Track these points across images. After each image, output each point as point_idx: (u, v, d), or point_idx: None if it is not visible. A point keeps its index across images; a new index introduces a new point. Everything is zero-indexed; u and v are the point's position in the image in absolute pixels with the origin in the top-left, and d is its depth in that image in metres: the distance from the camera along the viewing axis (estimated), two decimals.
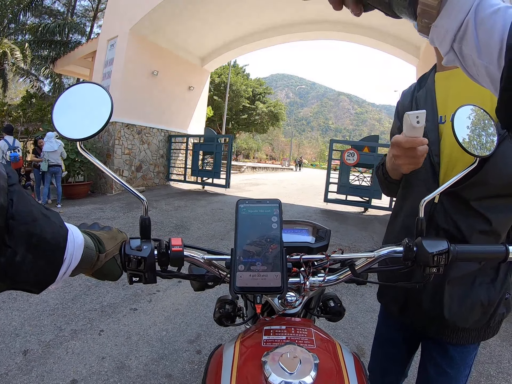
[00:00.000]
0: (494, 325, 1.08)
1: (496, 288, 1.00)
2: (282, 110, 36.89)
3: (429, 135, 1.00)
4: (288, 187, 15.41)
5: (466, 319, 1.01)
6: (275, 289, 0.65)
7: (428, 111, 1.01)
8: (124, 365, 2.27)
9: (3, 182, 0.40)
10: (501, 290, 1.01)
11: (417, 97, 1.09)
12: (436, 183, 1.00)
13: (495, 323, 1.06)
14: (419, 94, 1.09)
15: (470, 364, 1.11)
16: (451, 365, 1.08)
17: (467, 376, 1.11)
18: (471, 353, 1.09)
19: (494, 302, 1.01)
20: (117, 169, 9.84)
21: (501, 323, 1.11)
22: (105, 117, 0.64)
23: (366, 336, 2.81)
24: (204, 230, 6.10)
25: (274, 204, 0.72)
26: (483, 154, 0.78)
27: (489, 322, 1.04)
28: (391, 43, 10.03)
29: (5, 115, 14.52)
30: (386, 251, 0.76)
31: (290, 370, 0.55)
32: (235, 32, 11.51)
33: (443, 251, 0.71)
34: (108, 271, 0.65)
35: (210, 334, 2.73)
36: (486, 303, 1.00)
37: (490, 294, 1.00)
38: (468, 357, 1.09)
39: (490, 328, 1.07)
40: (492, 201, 0.94)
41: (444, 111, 1.02)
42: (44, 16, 22.28)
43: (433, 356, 1.13)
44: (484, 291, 1.00)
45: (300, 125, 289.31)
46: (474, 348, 1.10)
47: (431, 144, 0.99)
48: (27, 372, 2.12)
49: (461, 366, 1.08)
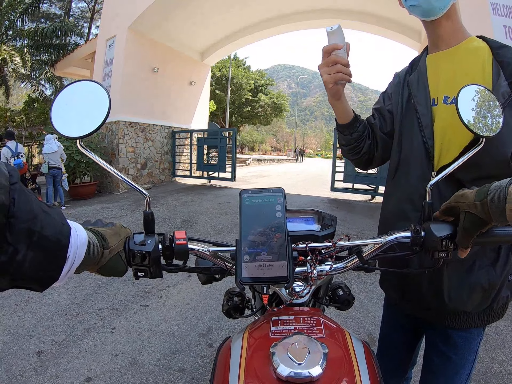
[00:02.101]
0: (498, 309, 1.05)
1: (497, 270, 0.98)
2: (285, 101, 36.63)
3: (422, 119, 1.01)
4: (294, 178, 15.35)
5: (466, 303, 0.99)
6: (282, 279, 0.64)
7: (421, 94, 1.03)
8: (137, 361, 2.29)
9: (4, 180, 0.41)
10: (502, 272, 0.98)
11: (409, 81, 1.09)
12: (430, 166, 1.00)
13: (498, 306, 1.04)
14: (411, 78, 1.09)
15: (475, 350, 1.08)
16: (454, 351, 1.07)
17: (472, 361, 1.08)
18: (475, 339, 1.07)
19: (496, 284, 0.98)
20: (122, 168, 9.86)
21: (507, 306, 1.08)
22: (103, 113, 0.64)
23: (377, 325, 2.79)
24: (211, 224, 6.11)
25: (278, 193, 0.71)
26: (489, 135, 0.77)
27: (492, 305, 1.01)
28: (392, 28, 9.86)
29: (8, 121, 14.60)
30: (394, 236, 0.74)
31: (298, 360, 0.54)
32: (234, 24, 11.40)
33: (452, 235, 0.69)
34: (113, 267, 0.65)
35: (221, 327, 2.74)
36: (487, 286, 0.98)
37: (491, 277, 0.97)
38: (472, 342, 1.06)
39: (494, 311, 1.04)
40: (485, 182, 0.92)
41: (436, 94, 1.02)
42: (41, 20, 22.26)
43: (436, 342, 1.12)
44: (484, 274, 0.97)
45: (304, 115, 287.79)
46: (478, 334, 1.07)
47: (425, 128, 1.00)
48: (41, 373, 2.14)
49: (465, 352, 1.06)
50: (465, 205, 0.65)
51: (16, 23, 16.85)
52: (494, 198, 0.58)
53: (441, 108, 0.99)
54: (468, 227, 0.65)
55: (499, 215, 0.58)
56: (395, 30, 9.88)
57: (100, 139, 10.12)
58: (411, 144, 1.05)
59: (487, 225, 0.63)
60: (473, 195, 0.64)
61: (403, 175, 1.09)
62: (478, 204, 0.62)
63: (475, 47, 0.97)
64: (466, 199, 0.65)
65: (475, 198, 0.63)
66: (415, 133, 1.04)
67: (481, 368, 2.27)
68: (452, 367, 1.08)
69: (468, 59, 0.96)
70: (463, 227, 0.66)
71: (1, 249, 0.41)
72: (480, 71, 0.94)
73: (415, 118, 1.04)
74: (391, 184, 1.16)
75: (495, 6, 4.25)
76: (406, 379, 1.41)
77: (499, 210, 0.58)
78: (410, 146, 1.05)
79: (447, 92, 0.98)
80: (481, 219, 0.62)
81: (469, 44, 0.98)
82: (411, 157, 1.04)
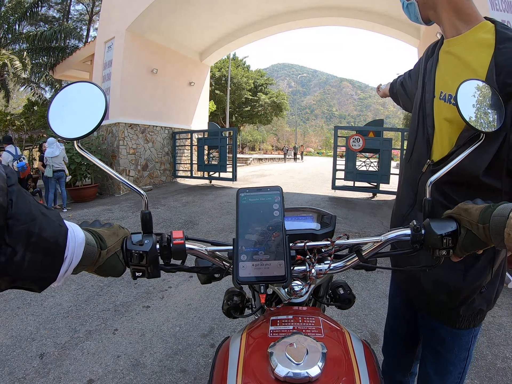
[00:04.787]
0: (467, 316, 1.02)
1: (467, 277, 0.95)
2: (284, 100, 36.57)
3: (426, 106, 1.03)
4: (295, 177, 15.34)
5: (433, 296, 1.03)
6: (279, 278, 0.63)
7: (428, 85, 1.05)
8: (139, 362, 2.29)
9: (2, 182, 0.41)
10: (473, 282, 0.96)
11: (426, 68, 1.09)
12: (428, 154, 1.01)
13: (467, 314, 1.01)
14: (428, 65, 1.09)
15: (467, 348, 1.06)
16: (444, 348, 1.07)
17: (465, 359, 1.07)
18: (465, 336, 1.05)
19: (461, 291, 0.97)
20: (123, 170, 9.88)
21: (480, 318, 1.04)
22: (100, 114, 0.64)
23: (380, 323, 2.79)
24: (213, 224, 6.10)
25: (275, 191, 0.71)
26: (489, 131, 0.77)
27: (458, 310, 1.00)
28: (391, 25, 9.87)
29: (8, 125, 14.61)
30: (394, 234, 0.73)
31: (297, 360, 0.53)
32: (232, 24, 11.41)
33: (452, 233, 0.68)
34: (110, 267, 0.65)
35: (223, 327, 2.74)
36: (452, 288, 0.97)
37: (458, 282, 0.96)
38: (463, 339, 1.05)
39: (461, 317, 1.02)
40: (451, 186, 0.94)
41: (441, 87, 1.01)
42: (40, 23, 22.26)
43: (429, 338, 1.14)
44: (453, 277, 0.96)
45: (304, 114, 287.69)
46: (468, 332, 1.05)
47: (427, 116, 1.02)
48: (44, 375, 2.14)
49: (455, 348, 1.06)
50: (467, 222, 0.65)
51: (14, 27, 16.86)
52: (495, 225, 0.59)
53: (436, 102, 1.00)
54: (467, 244, 0.66)
55: (500, 241, 0.59)
56: (395, 27, 9.89)
57: (101, 141, 10.13)
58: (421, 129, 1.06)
59: (486, 246, 0.64)
60: (477, 213, 0.63)
61: (414, 158, 1.09)
62: (480, 226, 0.62)
63: (480, 40, 0.90)
64: (469, 215, 0.65)
65: (478, 219, 0.63)
66: (421, 121, 1.06)
67: (484, 364, 2.26)
68: (443, 363, 1.08)
69: (470, 55, 0.92)
70: (462, 243, 0.67)
71: (0, 251, 0.41)
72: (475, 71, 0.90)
73: (423, 105, 1.06)
74: (405, 168, 1.16)
75: (494, 1, 4.22)
76: (411, 375, 1.41)
77: (500, 237, 0.58)
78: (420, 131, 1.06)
79: (444, 88, 0.99)
80: (482, 241, 0.64)
81: (476, 35, 0.91)
82: (419, 143, 1.06)
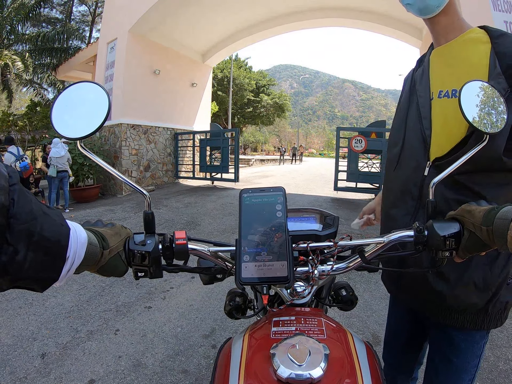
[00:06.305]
0: (495, 314, 1.00)
1: (494, 270, 0.94)
2: (287, 100, 36.58)
3: (422, 110, 1.03)
4: (297, 178, 15.33)
5: (459, 301, 0.97)
6: (282, 279, 0.63)
7: (422, 88, 1.05)
8: (141, 362, 2.29)
9: (4, 181, 0.41)
10: (500, 274, 0.95)
11: (415, 76, 1.12)
12: (426, 156, 1.00)
13: (495, 310, 0.99)
14: (417, 73, 1.11)
15: (479, 354, 1.04)
16: (457, 354, 1.04)
17: (475, 366, 1.05)
18: (478, 342, 1.03)
19: (491, 285, 0.95)
20: (125, 170, 9.89)
21: (506, 313, 1.02)
22: (103, 114, 0.64)
23: (382, 324, 2.78)
24: (215, 225, 6.10)
25: (278, 192, 0.71)
26: (493, 131, 0.76)
27: (487, 307, 0.97)
28: (394, 26, 9.85)
29: (11, 125, 14.65)
30: (397, 235, 0.73)
31: (299, 361, 0.53)
32: (235, 24, 11.41)
33: (455, 234, 0.67)
34: (112, 267, 0.65)
35: (225, 328, 2.73)
36: (481, 285, 0.94)
37: (487, 277, 0.94)
38: (475, 346, 1.03)
39: (489, 315, 0.99)
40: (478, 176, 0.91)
41: (434, 88, 1.03)
42: (43, 24, 22.31)
43: (439, 344, 1.10)
44: (479, 273, 0.94)
45: (306, 115, 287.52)
46: (481, 337, 1.03)
47: (423, 119, 1.02)
48: (45, 375, 2.15)
49: (468, 355, 1.03)
50: (471, 224, 0.65)
51: (17, 28, 16.92)
52: (499, 227, 0.59)
53: (436, 102, 1.00)
54: (470, 246, 0.66)
55: (503, 244, 0.58)
56: (397, 28, 9.87)
57: (103, 142, 10.15)
58: (413, 134, 1.05)
59: (489, 248, 0.64)
60: (480, 215, 0.63)
61: (404, 166, 1.08)
62: (484, 229, 0.61)
63: (472, 38, 0.95)
64: (472, 217, 0.65)
65: (481, 222, 0.62)
66: (416, 124, 1.04)
67: (487, 366, 2.25)
68: (454, 371, 1.05)
69: (465, 52, 0.95)
70: (465, 245, 0.67)
71: (1, 250, 0.41)
72: (475, 64, 0.92)
73: (416, 110, 1.05)
74: (392, 176, 1.15)
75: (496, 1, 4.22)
76: (412, 380, 1.40)
77: (503, 239, 0.58)
78: (412, 136, 1.06)
79: (442, 86, 0.99)
80: (484, 243, 0.63)
81: (466, 36, 0.96)
82: (412, 148, 1.05)
